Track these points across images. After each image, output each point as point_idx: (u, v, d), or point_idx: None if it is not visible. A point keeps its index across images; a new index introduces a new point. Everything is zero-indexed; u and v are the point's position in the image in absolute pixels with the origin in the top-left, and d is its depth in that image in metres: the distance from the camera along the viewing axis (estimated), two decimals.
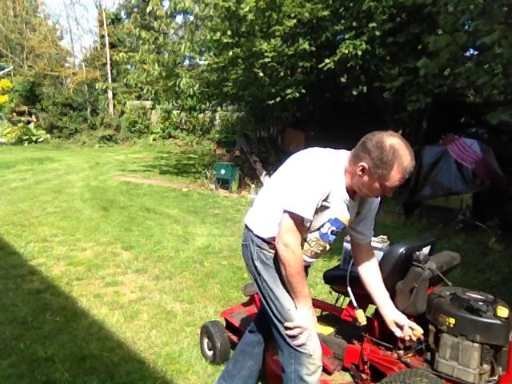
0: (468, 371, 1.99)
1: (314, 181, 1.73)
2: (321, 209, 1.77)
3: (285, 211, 1.73)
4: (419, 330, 1.99)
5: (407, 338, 1.99)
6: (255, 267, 1.90)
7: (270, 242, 1.86)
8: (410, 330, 1.98)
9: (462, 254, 2.55)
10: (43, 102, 20.67)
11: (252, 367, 2.16)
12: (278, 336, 1.88)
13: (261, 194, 1.99)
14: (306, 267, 2.00)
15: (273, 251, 1.86)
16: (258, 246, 1.89)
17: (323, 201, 1.75)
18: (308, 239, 1.87)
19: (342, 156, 1.82)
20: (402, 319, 2.00)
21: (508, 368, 2.05)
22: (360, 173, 1.72)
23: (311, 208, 1.71)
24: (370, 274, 2.06)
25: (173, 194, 8.74)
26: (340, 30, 8.11)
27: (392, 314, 2.01)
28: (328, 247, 1.96)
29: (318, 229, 1.84)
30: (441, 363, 2.06)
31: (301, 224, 1.73)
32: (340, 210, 1.83)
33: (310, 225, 1.80)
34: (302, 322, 1.81)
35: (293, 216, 1.71)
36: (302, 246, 1.85)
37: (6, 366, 2.67)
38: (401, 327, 2.00)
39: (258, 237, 1.89)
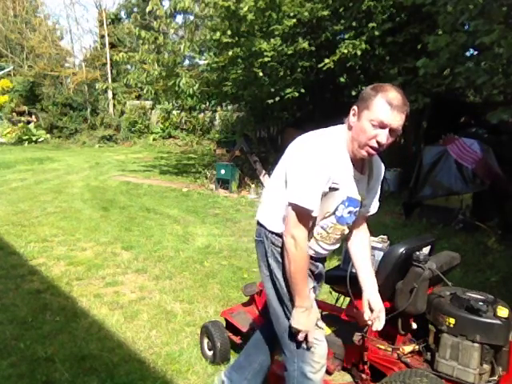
0: (468, 371, 1.99)
1: (315, 169, 1.66)
2: (330, 192, 1.71)
3: (289, 204, 1.68)
4: (378, 327, 1.93)
5: (369, 323, 1.93)
6: (268, 264, 1.86)
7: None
8: (377, 319, 1.91)
9: (461, 254, 2.55)
10: (43, 102, 20.65)
11: (263, 362, 2.14)
12: (282, 334, 1.86)
13: (267, 188, 1.95)
14: (324, 258, 1.97)
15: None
16: (272, 243, 1.84)
17: (331, 183, 1.69)
18: (325, 226, 1.80)
19: (340, 128, 1.78)
20: (377, 303, 1.92)
21: (508, 368, 2.05)
22: (353, 118, 1.69)
23: (315, 198, 1.65)
24: (358, 246, 2.00)
25: (173, 194, 8.74)
26: (340, 30, 8.12)
27: (370, 293, 1.93)
28: (347, 230, 1.89)
29: (333, 213, 1.77)
30: (441, 363, 2.07)
31: (306, 216, 1.68)
32: (351, 188, 1.77)
33: (324, 213, 1.74)
34: (299, 325, 1.76)
35: (297, 208, 1.66)
36: (320, 234, 1.81)
37: (5, 366, 2.67)
38: (371, 310, 1.93)
39: (272, 232, 1.84)
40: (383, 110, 1.60)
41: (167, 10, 9.09)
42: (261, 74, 8.45)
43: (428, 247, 2.38)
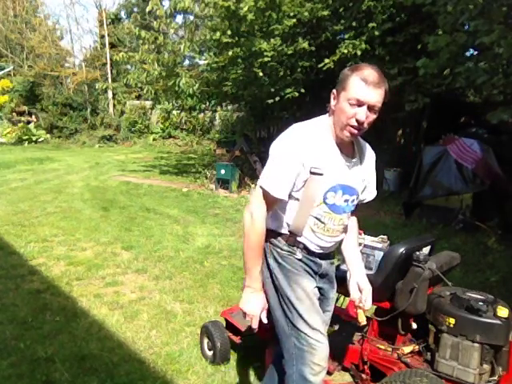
0: (468, 371, 1.99)
1: (283, 154, 1.67)
2: (312, 177, 1.68)
3: (259, 184, 1.72)
4: (366, 306, 1.90)
5: (356, 303, 1.90)
6: (268, 264, 1.84)
7: (281, 233, 1.80)
8: (364, 301, 1.89)
9: (461, 254, 2.56)
10: (43, 102, 20.66)
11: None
12: (281, 336, 1.84)
13: None
14: (328, 255, 1.89)
15: (286, 248, 1.80)
16: (271, 242, 1.82)
17: (310, 168, 1.67)
18: (319, 216, 1.76)
19: (324, 116, 1.78)
20: (365, 284, 1.90)
21: (508, 368, 2.05)
22: (333, 102, 1.70)
23: (278, 182, 1.66)
24: (349, 228, 1.96)
25: (173, 194, 8.74)
26: (340, 30, 8.12)
27: (358, 275, 1.91)
28: (346, 220, 1.85)
29: (324, 201, 1.73)
30: (441, 363, 2.07)
31: (269, 197, 1.69)
32: (341, 175, 1.74)
33: (311, 200, 1.71)
34: (245, 306, 1.79)
35: (262, 189, 1.69)
36: (317, 225, 1.77)
37: (5, 366, 2.67)
38: (360, 291, 1.90)
39: (270, 230, 1.81)
40: (358, 88, 1.60)
41: (167, 9, 9.09)
42: (261, 74, 8.45)
43: (428, 247, 2.38)
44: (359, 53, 7.46)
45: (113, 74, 21.79)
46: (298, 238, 1.79)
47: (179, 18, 14.12)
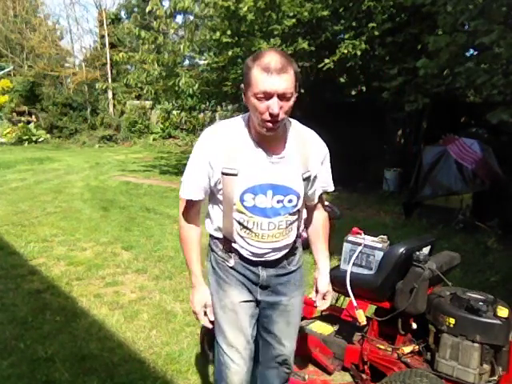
0: (468, 371, 1.99)
1: (193, 156, 1.62)
2: (226, 177, 1.56)
3: None
4: (320, 306, 1.88)
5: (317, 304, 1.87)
6: (208, 267, 1.79)
7: (218, 238, 1.71)
8: (322, 300, 1.85)
9: (461, 254, 2.56)
10: (43, 102, 20.63)
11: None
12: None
13: None
14: (272, 262, 1.70)
15: (221, 254, 1.71)
16: (210, 246, 1.76)
17: (222, 168, 1.55)
18: (242, 220, 1.61)
19: (246, 113, 1.64)
20: (323, 285, 1.83)
21: (508, 368, 2.06)
22: (244, 98, 1.55)
23: (188, 186, 1.63)
24: (312, 226, 1.86)
25: (173, 194, 8.73)
26: (339, 30, 8.11)
27: (319, 274, 1.84)
28: (284, 224, 1.64)
29: (242, 204, 1.58)
30: (441, 363, 2.07)
31: (185, 200, 1.67)
32: (261, 174, 1.56)
33: (229, 202, 1.59)
34: (191, 301, 1.76)
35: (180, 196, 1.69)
36: (243, 230, 1.64)
37: (6, 366, 2.67)
38: (316, 291, 1.86)
39: (210, 233, 1.75)
40: (261, 80, 1.43)
41: (167, 10, 9.08)
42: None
43: (428, 247, 2.39)
44: (359, 53, 7.45)
45: (113, 74, 21.77)
46: (233, 244, 1.68)
47: (179, 18, 14.11)
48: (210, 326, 1.74)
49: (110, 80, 20.79)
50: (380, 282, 2.21)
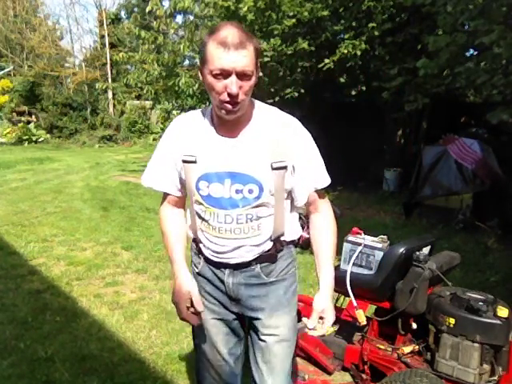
0: (468, 371, 1.99)
1: (158, 147, 1.56)
2: (186, 167, 1.47)
3: None
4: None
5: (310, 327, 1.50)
6: None
7: (193, 240, 1.62)
8: (319, 322, 1.51)
9: (461, 254, 2.56)
10: (43, 102, 20.63)
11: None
12: None
13: None
14: (237, 265, 1.50)
15: (193, 258, 1.63)
16: (191, 247, 1.67)
17: (182, 156, 1.46)
18: (199, 211, 1.51)
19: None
20: (318, 305, 1.52)
21: (508, 368, 2.06)
22: (201, 77, 1.39)
23: (150, 174, 1.57)
24: (315, 231, 1.58)
25: None
26: (339, 30, 8.11)
27: (317, 296, 1.55)
28: (244, 218, 1.44)
29: (198, 193, 1.47)
30: (441, 363, 2.07)
31: (164, 197, 1.62)
32: (217, 160, 1.42)
33: (192, 193, 1.50)
34: (172, 292, 1.57)
35: None
36: (202, 223, 1.52)
37: (6, 366, 2.67)
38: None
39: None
40: (218, 56, 1.27)
41: (167, 9, 9.09)
42: (260, 73, 8.42)
43: (428, 247, 2.39)
44: (359, 53, 7.45)
45: (113, 73, 21.77)
46: (200, 245, 1.56)
47: (179, 18, 14.12)
48: (195, 322, 1.50)
49: (109, 80, 20.80)
50: (380, 282, 2.21)
